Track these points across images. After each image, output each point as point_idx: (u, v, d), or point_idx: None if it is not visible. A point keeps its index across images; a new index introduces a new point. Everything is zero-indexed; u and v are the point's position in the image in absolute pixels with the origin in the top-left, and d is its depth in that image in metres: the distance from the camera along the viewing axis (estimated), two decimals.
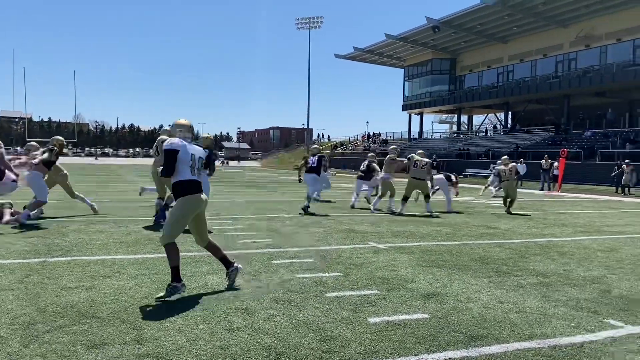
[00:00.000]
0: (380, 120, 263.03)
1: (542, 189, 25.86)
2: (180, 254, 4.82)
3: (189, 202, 4.77)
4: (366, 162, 14.21)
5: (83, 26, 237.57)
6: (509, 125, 55.23)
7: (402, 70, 68.30)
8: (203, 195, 4.90)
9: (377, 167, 14.00)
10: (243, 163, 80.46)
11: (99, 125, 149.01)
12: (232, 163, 74.35)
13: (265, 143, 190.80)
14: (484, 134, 62.92)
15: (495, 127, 61.06)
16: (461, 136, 59.57)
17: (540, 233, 9.69)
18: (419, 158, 12.77)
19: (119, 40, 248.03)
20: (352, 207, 13.67)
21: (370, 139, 69.87)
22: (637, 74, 38.52)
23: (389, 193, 12.94)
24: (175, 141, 4.80)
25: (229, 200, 14.86)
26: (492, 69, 55.12)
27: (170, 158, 4.74)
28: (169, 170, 4.77)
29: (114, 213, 10.88)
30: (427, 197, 12.73)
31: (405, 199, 12.71)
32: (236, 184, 24.96)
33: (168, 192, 9.41)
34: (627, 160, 23.97)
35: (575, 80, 43.54)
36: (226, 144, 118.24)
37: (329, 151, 70.80)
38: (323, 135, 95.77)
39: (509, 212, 13.23)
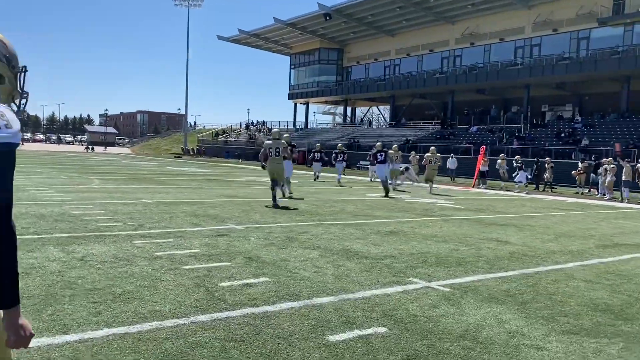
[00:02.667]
0: (263, 108, 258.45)
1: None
2: None
3: None
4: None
5: None
6: (388, 119, 55.89)
7: (289, 57, 66.38)
8: None
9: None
10: (111, 149, 73.20)
11: None
12: (98, 149, 67.11)
13: (132, 128, 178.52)
14: (367, 126, 63.29)
15: (383, 120, 61.63)
16: (348, 128, 59.11)
17: (569, 250, 8.05)
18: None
19: None
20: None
21: (255, 127, 67.08)
22: (519, 73, 40.24)
23: None
24: None
25: (160, 209, 11.53)
26: (379, 61, 55.20)
27: None
28: None
29: None
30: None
31: None
32: (127, 176, 21.00)
33: None
34: (547, 158, 24.17)
35: (461, 76, 44.68)
36: (89, 128, 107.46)
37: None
38: (195, 124, 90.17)
39: None
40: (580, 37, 37.96)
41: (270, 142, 12.05)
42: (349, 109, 68.53)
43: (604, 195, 20.13)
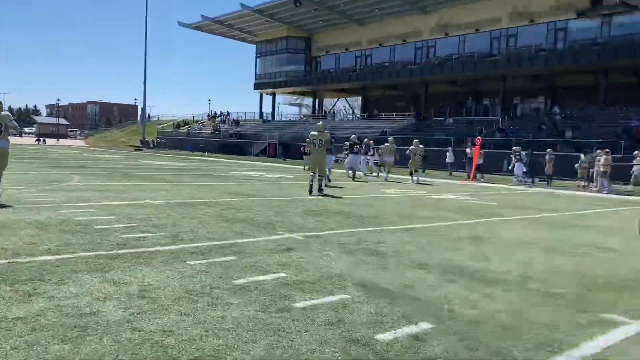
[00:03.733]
0: (225, 99, 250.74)
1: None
2: None
3: None
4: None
5: None
6: (357, 111, 54.76)
7: (254, 46, 64.16)
8: None
9: None
10: (63, 142, 69.02)
11: None
12: (49, 141, 63.00)
13: (82, 119, 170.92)
14: (334, 118, 62.01)
15: (352, 111, 60.41)
16: (319, 120, 57.50)
17: None
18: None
19: None
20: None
21: (219, 119, 64.54)
22: (497, 65, 39.71)
23: None
24: None
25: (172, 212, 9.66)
26: (349, 51, 53.80)
27: None
28: None
29: None
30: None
31: None
32: (106, 171, 18.76)
33: None
34: (548, 150, 23.32)
35: (437, 67, 43.85)
36: (38, 119, 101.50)
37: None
38: (150, 115, 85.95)
39: None
40: (558, 28, 37.66)
41: (315, 133, 12.38)
42: (315, 101, 67.03)
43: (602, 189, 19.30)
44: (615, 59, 33.52)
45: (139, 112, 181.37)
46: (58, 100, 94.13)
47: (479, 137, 25.61)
